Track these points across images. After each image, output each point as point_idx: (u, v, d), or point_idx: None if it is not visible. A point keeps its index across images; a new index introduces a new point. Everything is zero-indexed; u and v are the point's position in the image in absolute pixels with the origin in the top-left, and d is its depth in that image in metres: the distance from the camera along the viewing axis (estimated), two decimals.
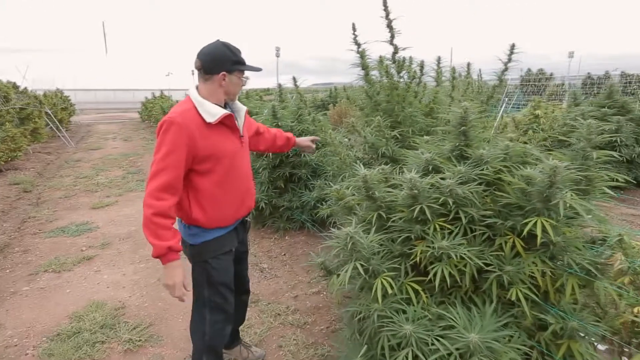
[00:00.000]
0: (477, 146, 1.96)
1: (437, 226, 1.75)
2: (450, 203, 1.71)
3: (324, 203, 3.22)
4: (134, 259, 3.67)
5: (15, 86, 9.83)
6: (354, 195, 2.25)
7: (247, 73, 1.81)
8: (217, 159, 1.67)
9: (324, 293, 2.96)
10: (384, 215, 1.96)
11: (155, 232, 1.52)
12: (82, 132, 15.35)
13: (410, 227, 1.82)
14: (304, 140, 2.42)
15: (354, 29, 3.37)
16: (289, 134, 2.35)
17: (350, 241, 1.70)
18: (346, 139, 3.57)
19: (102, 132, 15.28)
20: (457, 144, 1.95)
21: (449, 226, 1.77)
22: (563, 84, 14.13)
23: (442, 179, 1.82)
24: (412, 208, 1.76)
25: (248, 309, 2.79)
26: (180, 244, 1.61)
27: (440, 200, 1.75)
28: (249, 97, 7.29)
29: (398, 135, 2.85)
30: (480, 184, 1.83)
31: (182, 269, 1.62)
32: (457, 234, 1.74)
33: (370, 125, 3.17)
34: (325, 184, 3.43)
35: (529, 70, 14.63)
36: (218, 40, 1.72)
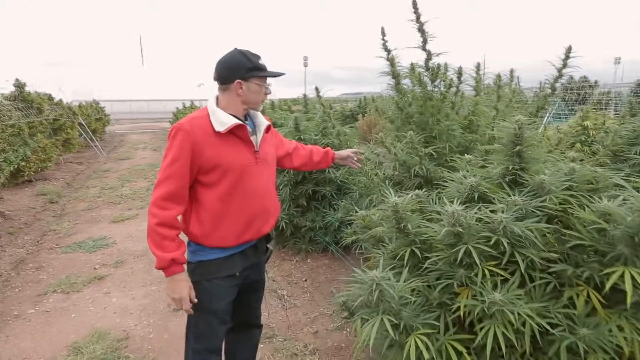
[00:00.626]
0: (536, 170, 1.59)
1: (486, 272, 1.39)
2: (505, 244, 1.35)
3: (349, 226, 2.89)
4: (145, 280, 3.45)
5: (50, 98, 10.09)
6: (382, 224, 1.92)
7: (269, 80, 1.64)
8: (223, 171, 1.52)
9: (348, 330, 2.62)
10: (419, 254, 1.61)
11: (159, 243, 1.46)
12: (115, 141, 15.72)
13: (452, 270, 1.47)
14: (345, 152, 2.17)
15: (383, 33, 3.06)
16: (327, 149, 2.12)
17: (377, 289, 1.37)
18: (374, 154, 3.22)
19: (133, 141, 15.58)
20: (510, 167, 1.59)
21: (501, 272, 1.41)
22: (609, 92, 13.23)
23: (492, 211, 1.46)
24: (456, 249, 1.41)
25: (261, 345, 2.50)
26: (185, 255, 1.53)
27: (490, 240, 1.39)
28: (275, 108, 7.09)
29: (433, 153, 2.49)
30: (540, 219, 1.46)
31: (187, 282, 1.54)
32: (512, 282, 1.38)
33: (401, 141, 2.84)
34: (351, 204, 3.11)
35: (571, 77, 13.81)
36: (235, 48, 1.59)
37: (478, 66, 3.15)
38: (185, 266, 1.54)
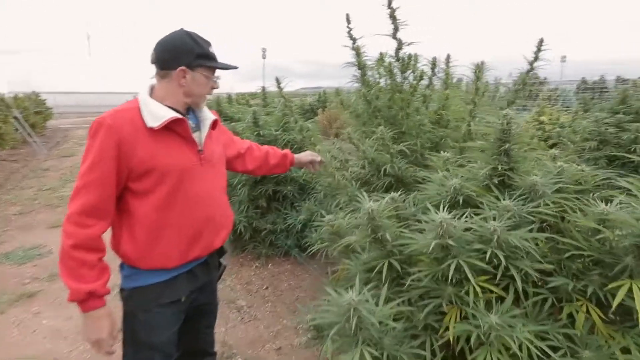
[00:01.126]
0: (525, 170, 1.43)
1: (478, 289, 1.20)
2: (501, 257, 1.17)
3: (313, 230, 2.66)
4: None
5: None
6: (354, 232, 1.70)
7: (218, 72, 1.37)
8: (159, 176, 1.23)
9: (316, 347, 2.39)
10: (398, 267, 1.41)
11: (75, 271, 1.17)
12: (58, 137, 14.55)
13: (439, 288, 1.27)
14: (305, 157, 1.95)
15: (348, 21, 2.83)
16: (286, 151, 1.87)
17: (355, 315, 1.15)
18: (339, 151, 2.99)
19: (80, 137, 14.47)
20: (499, 167, 1.41)
21: (494, 289, 1.23)
22: (556, 89, 13.89)
23: (484, 219, 1.28)
24: (445, 264, 1.21)
25: None
26: (107, 286, 1.23)
27: (482, 252, 1.21)
28: (232, 102, 6.70)
29: (406, 150, 2.30)
30: (533, 226, 1.30)
31: (107, 319, 1.24)
32: (507, 301, 1.21)
33: (369, 137, 2.63)
34: (315, 206, 2.88)
35: (520, 74, 14.39)
36: (182, 28, 1.30)
37: (448, 57, 3.01)
38: (106, 299, 1.24)
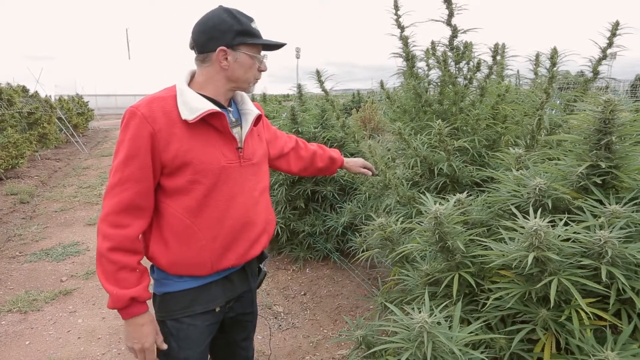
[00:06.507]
0: (636, 168, 1.17)
1: (584, 315, 0.97)
2: (619, 276, 0.93)
3: (357, 233, 2.46)
4: None
5: (24, 90, 9.46)
6: (415, 238, 1.49)
7: (264, 52, 1.22)
8: (193, 175, 1.11)
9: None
10: (472, 282, 1.19)
11: (114, 275, 1.06)
12: (98, 137, 15.06)
13: (530, 310, 1.04)
14: (356, 165, 1.78)
15: (396, 7, 2.63)
16: (334, 153, 1.68)
17: (429, 340, 0.94)
18: (386, 149, 2.78)
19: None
20: (604, 164, 1.15)
21: (605, 315, 0.98)
22: (607, 87, 13.00)
23: (587, 228, 1.04)
24: (541, 282, 0.98)
25: None
26: (149, 290, 1.13)
27: (589, 269, 0.97)
28: (267, 100, 6.60)
29: (468, 147, 2.07)
30: None
31: (151, 325, 1.14)
32: (623, 332, 0.96)
33: (419, 133, 2.41)
34: (358, 207, 2.68)
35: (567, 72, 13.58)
36: (220, 6, 1.16)
37: (503, 47, 2.74)
38: (148, 304, 1.13)
